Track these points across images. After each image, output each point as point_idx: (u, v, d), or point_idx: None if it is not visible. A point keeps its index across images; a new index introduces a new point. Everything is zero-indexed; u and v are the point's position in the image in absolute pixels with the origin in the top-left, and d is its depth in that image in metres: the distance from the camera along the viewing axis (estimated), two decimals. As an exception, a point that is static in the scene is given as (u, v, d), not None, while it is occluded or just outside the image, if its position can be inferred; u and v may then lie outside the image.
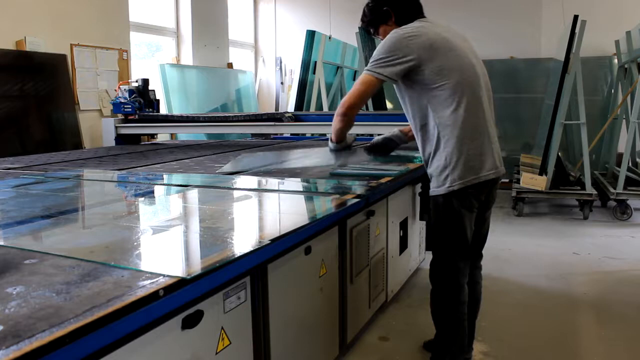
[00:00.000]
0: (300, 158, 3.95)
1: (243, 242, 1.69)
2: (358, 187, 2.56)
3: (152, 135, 5.97)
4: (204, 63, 8.00)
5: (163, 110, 6.46)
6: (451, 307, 2.43)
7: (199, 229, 1.97)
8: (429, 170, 2.40)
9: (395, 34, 2.31)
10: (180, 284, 1.30)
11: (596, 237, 5.25)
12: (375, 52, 2.32)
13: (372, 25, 2.54)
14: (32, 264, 1.44)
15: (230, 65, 8.70)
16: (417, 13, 2.45)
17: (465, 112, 2.26)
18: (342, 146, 2.70)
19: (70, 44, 5.77)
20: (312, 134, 5.91)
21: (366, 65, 2.35)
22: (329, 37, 7.75)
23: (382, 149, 2.90)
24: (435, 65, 2.25)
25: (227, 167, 3.36)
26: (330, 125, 2.60)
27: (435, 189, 2.36)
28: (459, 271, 2.41)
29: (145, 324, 1.25)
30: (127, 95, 5.34)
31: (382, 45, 2.31)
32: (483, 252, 2.66)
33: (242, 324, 1.83)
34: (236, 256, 1.49)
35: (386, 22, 2.48)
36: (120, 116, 5.40)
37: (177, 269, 1.39)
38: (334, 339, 2.62)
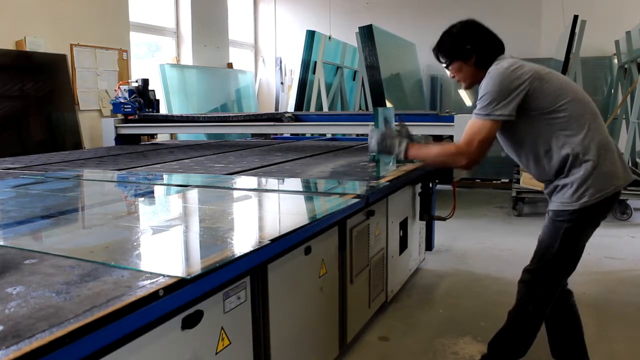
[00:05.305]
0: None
1: (243, 242, 1.68)
2: (358, 187, 2.56)
3: (152, 136, 5.97)
4: (204, 63, 8.00)
5: (163, 110, 6.46)
6: (539, 318, 2.42)
7: (199, 229, 1.97)
8: (557, 184, 2.27)
9: (497, 72, 2.19)
10: (180, 284, 1.30)
11: (596, 237, 5.18)
12: (485, 95, 2.19)
13: (447, 57, 2.38)
14: (32, 264, 1.44)
15: (230, 65, 8.70)
16: (498, 53, 2.32)
17: (593, 128, 2.19)
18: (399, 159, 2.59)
19: (70, 44, 5.77)
20: (312, 134, 5.91)
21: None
22: (329, 37, 7.76)
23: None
24: (550, 87, 2.18)
25: None
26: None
27: (566, 203, 2.25)
28: (558, 286, 2.41)
29: (145, 324, 1.25)
30: (127, 95, 5.33)
31: (490, 87, 2.17)
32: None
33: (242, 324, 1.83)
34: (236, 256, 1.49)
35: (464, 60, 2.33)
36: (120, 116, 5.39)
37: (177, 269, 1.39)
38: (334, 339, 2.62)
